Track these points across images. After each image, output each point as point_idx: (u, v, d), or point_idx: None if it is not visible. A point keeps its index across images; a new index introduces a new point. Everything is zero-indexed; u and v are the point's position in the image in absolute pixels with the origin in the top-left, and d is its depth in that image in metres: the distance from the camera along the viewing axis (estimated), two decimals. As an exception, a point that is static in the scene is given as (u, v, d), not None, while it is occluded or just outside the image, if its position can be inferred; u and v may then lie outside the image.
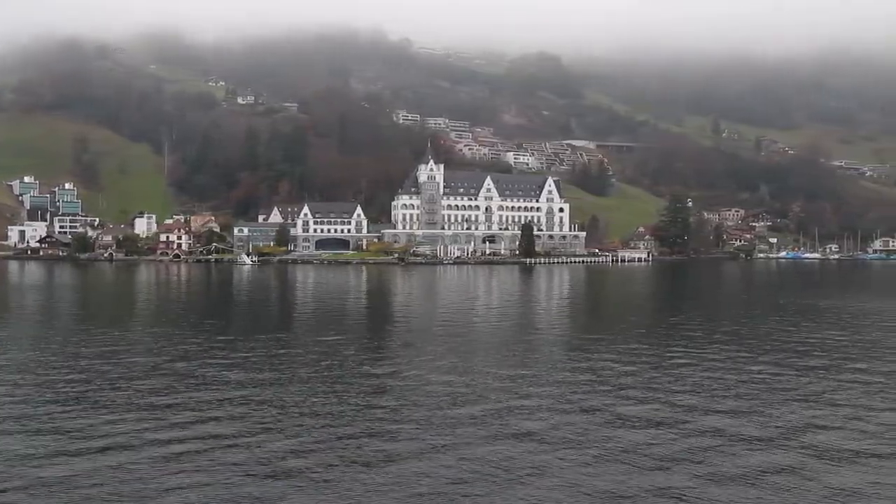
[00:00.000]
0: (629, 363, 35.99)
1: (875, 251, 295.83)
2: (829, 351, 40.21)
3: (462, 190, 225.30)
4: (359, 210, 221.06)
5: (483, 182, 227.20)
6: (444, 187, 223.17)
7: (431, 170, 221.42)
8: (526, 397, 29.22)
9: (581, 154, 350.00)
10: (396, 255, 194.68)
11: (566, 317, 63.10)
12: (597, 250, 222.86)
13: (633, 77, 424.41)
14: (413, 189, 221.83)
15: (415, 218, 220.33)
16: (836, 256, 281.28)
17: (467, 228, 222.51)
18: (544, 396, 29.39)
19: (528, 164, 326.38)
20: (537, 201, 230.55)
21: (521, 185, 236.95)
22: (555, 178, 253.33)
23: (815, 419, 26.11)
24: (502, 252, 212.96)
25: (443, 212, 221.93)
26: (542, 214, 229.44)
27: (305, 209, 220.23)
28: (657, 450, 22.70)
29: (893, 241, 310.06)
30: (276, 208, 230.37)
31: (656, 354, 38.39)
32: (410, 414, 26.83)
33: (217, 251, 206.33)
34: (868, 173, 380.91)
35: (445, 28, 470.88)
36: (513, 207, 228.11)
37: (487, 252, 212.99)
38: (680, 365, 35.07)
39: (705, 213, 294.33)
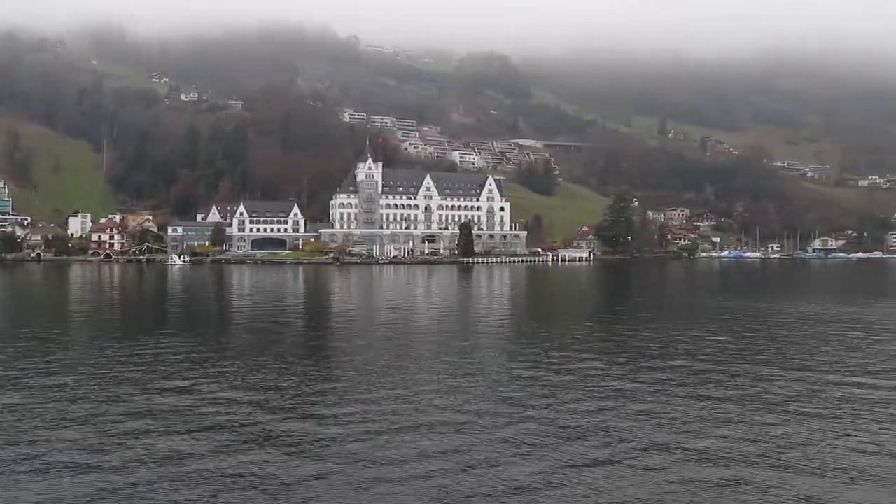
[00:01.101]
0: (546, 368, 34.04)
1: (814, 251, 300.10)
2: (722, 354, 38.54)
3: (401, 189, 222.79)
4: (296, 209, 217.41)
5: (423, 181, 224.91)
6: (383, 186, 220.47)
7: (370, 168, 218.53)
8: (455, 403, 27.26)
9: (528, 153, 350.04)
10: (331, 255, 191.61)
11: (476, 320, 60.70)
12: (539, 250, 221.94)
13: (581, 77, 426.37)
14: (351, 188, 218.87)
15: (353, 217, 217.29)
16: (777, 256, 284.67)
17: (406, 228, 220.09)
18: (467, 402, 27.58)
19: (474, 164, 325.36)
20: (478, 200, 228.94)
21: (461, 184, 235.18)
22: (497, 178, 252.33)
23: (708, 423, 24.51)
24: (441, 252, 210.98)
25: (381, 211, 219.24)
26: (483, 214, 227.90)
27: (241, 208, 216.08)
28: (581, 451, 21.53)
29: (832, 241, 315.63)
30: (214, 207, 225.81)
31: (563, 360, 36.28)
32: (348, 420, 24.95)
33: (149, 251, 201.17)
34: (809, 174, 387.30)
35: (394, 26, 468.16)
36: (453, 207, 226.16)
37: (426, 252, 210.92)
38: (588, 373, 33.06)
39: (650, 213, 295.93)
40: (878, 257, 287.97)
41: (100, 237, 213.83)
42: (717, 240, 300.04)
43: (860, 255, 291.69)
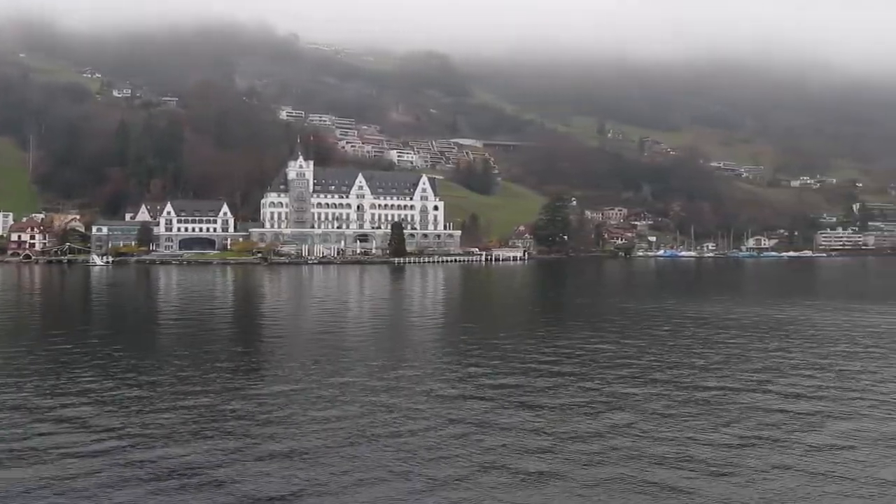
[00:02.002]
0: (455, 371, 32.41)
1: (748, 250, 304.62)
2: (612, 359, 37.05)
3: (333, 188, 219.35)
4: (225, 208, 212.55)
5: (355, 180, 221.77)
6: (315, 185, 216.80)
7: (301, 167, 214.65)
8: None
9: (467, 153, 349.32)
10: (259, 255, 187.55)
11: (381, 323, 58.61)
12: (475, 249, 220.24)
13: (520, 77, 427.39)
14: (282, 187, 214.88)
15: (283, 216, 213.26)
16: (712, 255, 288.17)
17: (338, 227, 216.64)
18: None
19: (412, 163, 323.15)
20: (411, 199, 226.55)
21: (395, 182, 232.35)
22: (431, 177, 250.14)
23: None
24: (374, 251, 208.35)
25: (313, 210, 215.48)
26: (417, 213, 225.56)
27: (168, 207, 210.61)
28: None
29: (765, 241, 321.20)
30: (144, 206, 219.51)
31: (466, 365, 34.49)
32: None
33: (71, 251, 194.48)
34: (744, 174, 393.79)
35: (334, 24, 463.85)
36: (386, 206, 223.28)
37: (359, 251, 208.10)
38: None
39: (588, 212, 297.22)
40: (808, 256, 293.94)
41: (20, 237, 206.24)
42: (653, 239, 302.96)
43: (791, 254, 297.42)
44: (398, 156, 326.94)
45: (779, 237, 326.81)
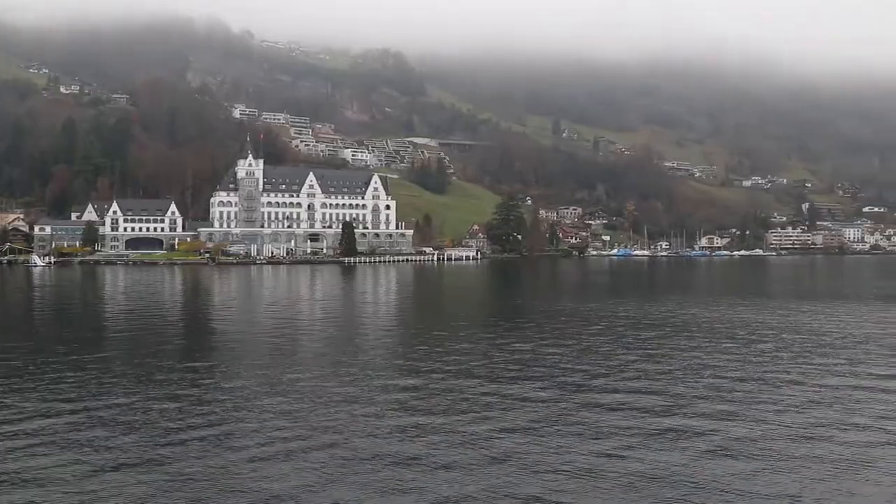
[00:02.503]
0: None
1: (700, 248, 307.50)
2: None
3: (283, 186, 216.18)
4: (173, 207, 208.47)
5: (306, 178, 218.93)
6: (265, 184, 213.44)
7: (250, 165, 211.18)
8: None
9: (422, 152, 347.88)
10: (206, 255, 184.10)
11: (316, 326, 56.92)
12: (429, 248, 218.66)
13: (477, 76, 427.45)
14: (231, 185, 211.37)
15: (233, 216, 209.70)
16: (665, 254, 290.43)
17: (289, 226, 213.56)
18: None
19: (366, 162, 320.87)
20: (363, 198, 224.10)
21: (346, 181, 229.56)
22: (383, 175, 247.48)
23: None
24: (325, 251, 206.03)
25: (263, 209, 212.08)
26: (368, 212, 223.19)
27: (114, 206, 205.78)
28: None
29: (717, 240, 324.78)
30: (91, 205, 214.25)
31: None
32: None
33: (12, 251, 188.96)
34: (697, 174, 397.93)
35: (289, 21, 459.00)
36: (337, 205, 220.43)
37: (309, 251, 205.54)
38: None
39: (543, 211, 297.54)
40: (759, 255, 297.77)
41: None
42: (607, 238, 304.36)
43: (742, 252, 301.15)
44: (352, 155, 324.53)
45: (731, 236, 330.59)
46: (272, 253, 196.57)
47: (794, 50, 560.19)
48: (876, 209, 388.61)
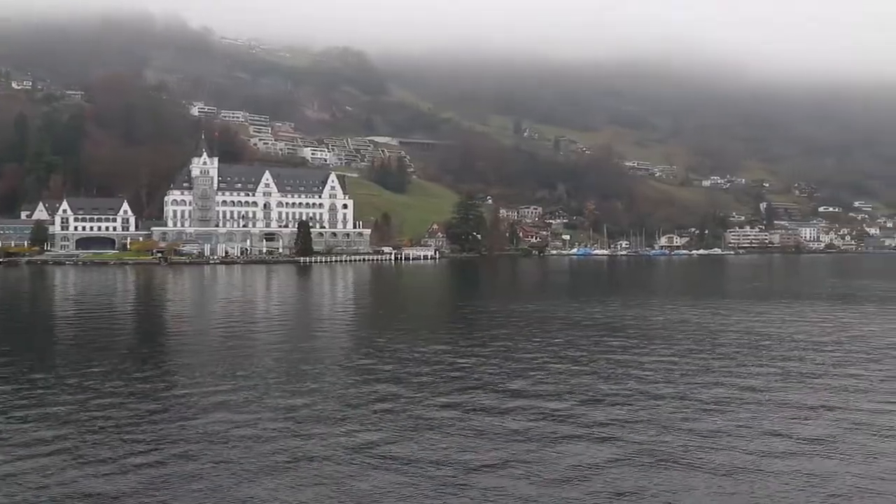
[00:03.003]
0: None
1: (660, 248, 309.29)
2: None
3: (239, 185, 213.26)
4: (126, 206, 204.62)
5: (262, 177, 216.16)
6: (220, 182, 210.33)
7: (205, 163, 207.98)
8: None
9: (383, 151, 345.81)
10: (159, 255, 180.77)
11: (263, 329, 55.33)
12: (388, 248, 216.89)
13: (439, 75, 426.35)
14: (185, 184, 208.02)
15: (187, 214, 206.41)
16: (624, 253, 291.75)
17: (244, 226, 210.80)
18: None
19: (326, 160, 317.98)
20: (320, 197, 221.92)
21: (303, 180, 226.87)
22: (340, 174, 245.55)
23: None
24: (281, 250, 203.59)
25: (217, 208, 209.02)
26: (325, 211, 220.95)
27: (65, 205, 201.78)
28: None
29: (676, 239, 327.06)
30: (41, 204, 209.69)
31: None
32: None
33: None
34: (658, 174, 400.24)
35: (249, 18, 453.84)
36: (294, 204, 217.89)
37: (265, 251, 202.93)
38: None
39: (503, 211, 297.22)
40: (717, 254, 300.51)
41: None
42: (567, 237, 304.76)
43: (701, 251, 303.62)
44: (312, 153, 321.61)
45: (690, 235, 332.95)
46: (226, 253, 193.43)
47: (756, 52, 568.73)
48: (831, 209, 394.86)
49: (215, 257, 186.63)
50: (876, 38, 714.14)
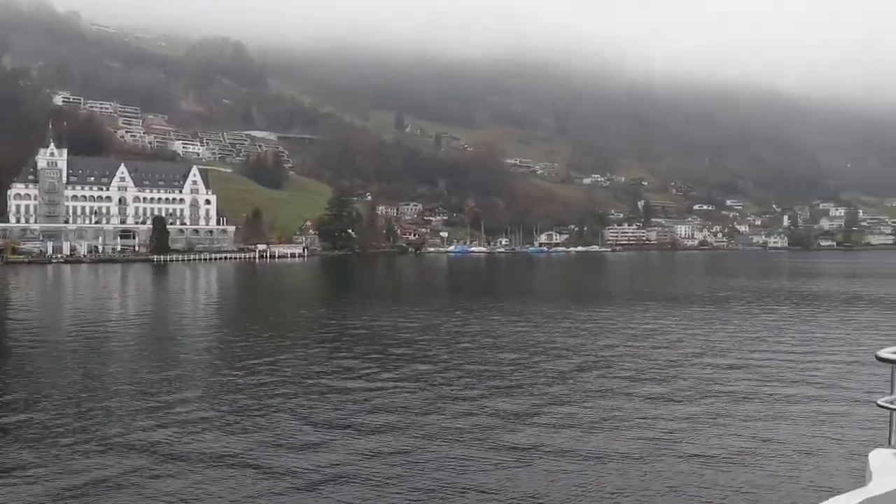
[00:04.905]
0: None
1: (539, 245, 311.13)
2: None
3: (92, 179, 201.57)
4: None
5: (116, 170, 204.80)
6: (70, 175, 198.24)
7: (52, 155, 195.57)
8: None
9: (260, 145, 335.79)
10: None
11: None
12: (262, 245, 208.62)
13: (320, 69, 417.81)
14: (31, 177, 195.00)
15: (32, 210, 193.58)
16: (503, 250, 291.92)
17: (97, 222, 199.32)
18: None
19: (198, 155, 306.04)
20: (180, 192, 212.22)
21: (162, 174, 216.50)
22: (203, 168, 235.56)
23: None
24: (137, 248, 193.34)
25: (67, 203, 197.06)
26: (186, 207, 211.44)
27: None
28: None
29: (556, 236, 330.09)
30: None
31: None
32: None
33: None
34: (539, 171, 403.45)
35: (122, 4, 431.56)
36: (152, 199, 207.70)
37: (119, 248, 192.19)
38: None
39: (382, 207, 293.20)
40: (595, 251, 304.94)
41: None
42: (445, 234, 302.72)
43: (580, 249, 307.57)
44: (184, 147, 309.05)
45: (569, 233, 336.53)
46: (72, 251, 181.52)
47: (636, 53, 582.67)
48: (705, 207, 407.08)
49: (59, 256, 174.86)
50: (746, 43, 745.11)
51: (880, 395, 6.51)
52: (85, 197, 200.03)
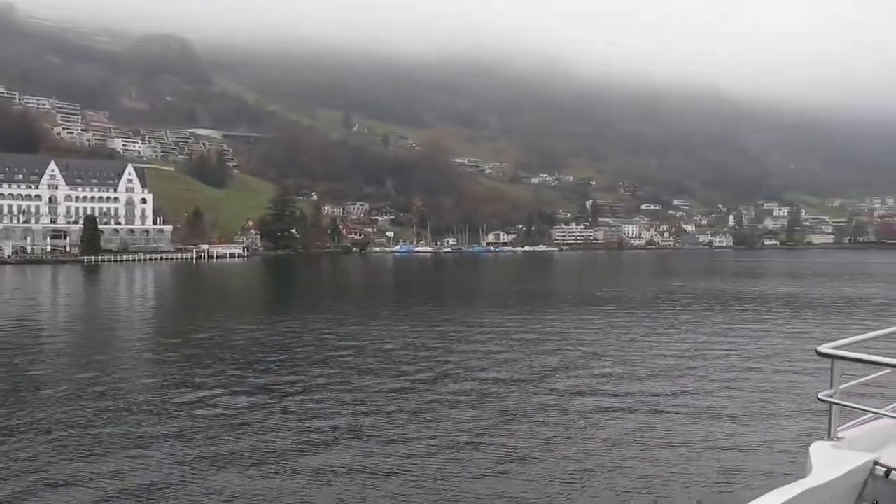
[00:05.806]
0: None
1: (487, 244, 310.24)
2: None
3: (20, 176, 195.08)
4: None
5: (46, 167, 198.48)
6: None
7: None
8: None
9: (204, 144, 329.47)
10: None
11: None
12: (204, 245, 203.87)
13: (266, 66, 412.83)
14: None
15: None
16: (450, 249, 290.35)
17: (26, 221, 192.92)
18: None
19: (139, 153, 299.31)
20: (115, 191, 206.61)
21: (96, 172, 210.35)
22: (139, 166, 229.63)
23: None
24: (69, 248, 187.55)
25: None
26: (122, 206, 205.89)
27: None
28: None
29: (504, 235, 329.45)
30: None
31: None
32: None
33: None
34: (487, 171, 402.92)
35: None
36: (85, 198, 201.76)
37: (49, 249, 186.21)
38: None
39: (328, 207, 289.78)
40: (543, 250, 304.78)
41: None
42: (391, 234, 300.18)
43: (527, 248, 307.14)
44: (124, 145, 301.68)
45: (517, 232, 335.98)
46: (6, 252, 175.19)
47: (585, 52, 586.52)
48: (652, 207, 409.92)
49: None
50: (691, 45, 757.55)
51: (821, 390, 6.70)
52: (12, 195, 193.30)
